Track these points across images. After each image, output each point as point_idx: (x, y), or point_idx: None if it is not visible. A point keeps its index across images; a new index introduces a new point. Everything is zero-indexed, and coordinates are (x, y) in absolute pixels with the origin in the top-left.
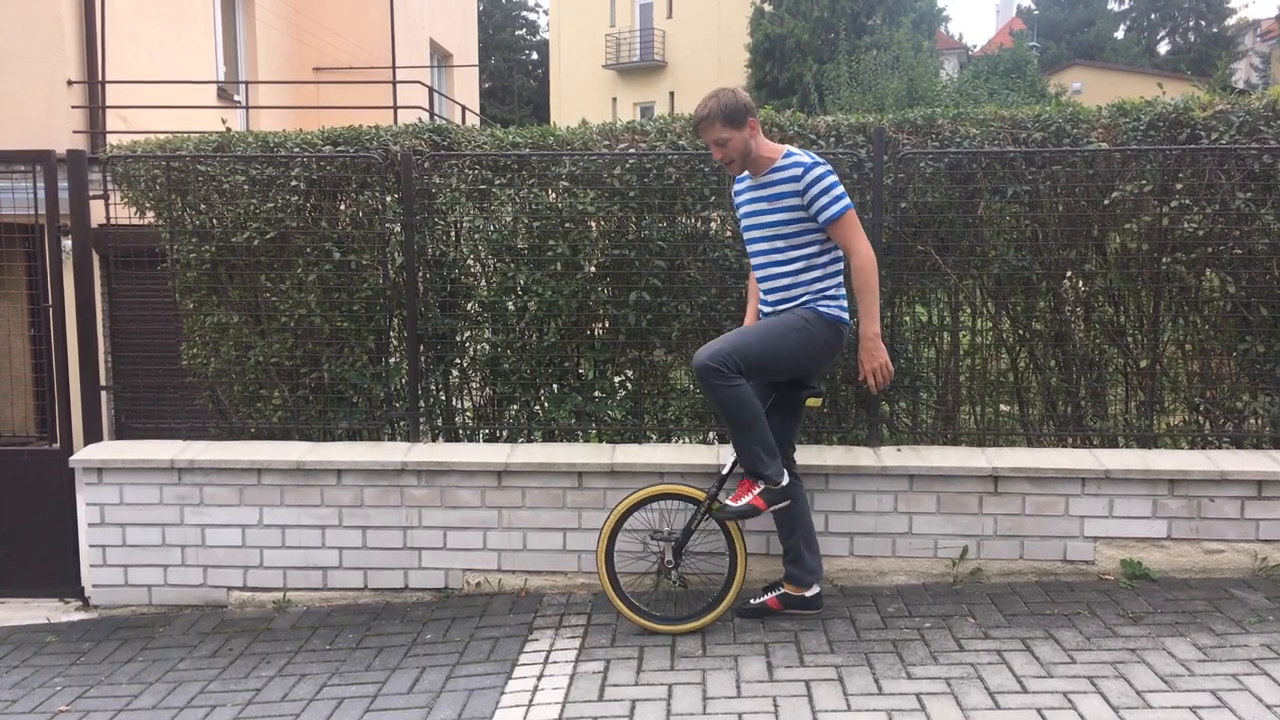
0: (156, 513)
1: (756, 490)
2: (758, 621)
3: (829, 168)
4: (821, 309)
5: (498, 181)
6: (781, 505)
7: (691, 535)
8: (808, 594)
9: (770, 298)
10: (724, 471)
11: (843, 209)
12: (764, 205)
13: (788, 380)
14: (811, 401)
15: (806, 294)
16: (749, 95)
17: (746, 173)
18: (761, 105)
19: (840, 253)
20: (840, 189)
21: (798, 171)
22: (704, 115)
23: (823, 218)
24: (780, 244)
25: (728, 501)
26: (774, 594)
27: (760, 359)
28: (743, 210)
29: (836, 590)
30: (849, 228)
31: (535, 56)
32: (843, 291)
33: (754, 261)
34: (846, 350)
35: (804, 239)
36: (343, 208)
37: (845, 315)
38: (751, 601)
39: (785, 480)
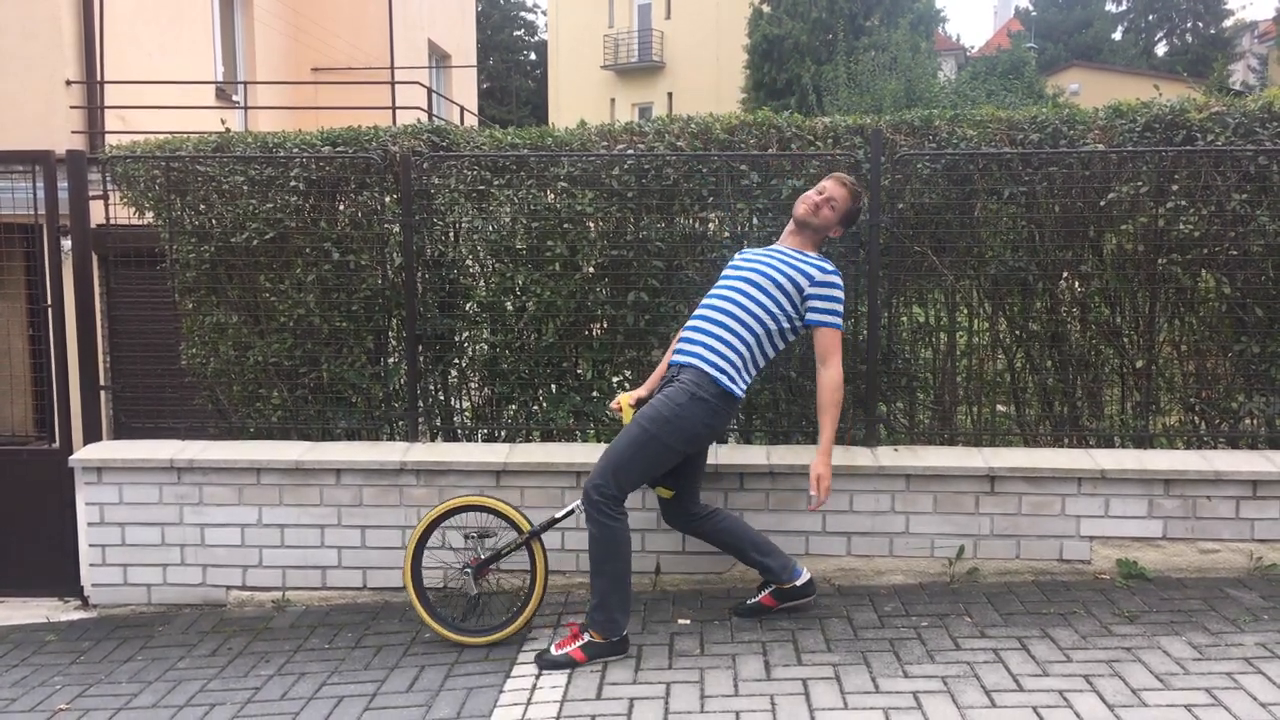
0: (156, 512)
1: (582, 641)
2: (755, 621)
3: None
4: (711, 375)
5: (496, 182)
6: (612, 658)
7: (499, 559)
8: (798, 583)
9: (681, 349)
10: (557, 515)
11: (839, 323)
12: (774, 273)
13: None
14: (661, 492)
15: (721, 359)
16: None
17: (772, 243)
18: (759, 106)
19: (764, 361)
20: (842, 307)
21: (814, 273)
22: (843, 192)
23: (813, 319)
24: (753, 309)
25: (551, 648)
26: (766, 591)
27: (639, 468)
28: (743, 263)
29: (834, 589)
30: (836, 339)
31: (533, 57)
32: (748, 370)
33: (710, 305)
34: (844, 351)
35: (775, 325)
36: (342, 208)
37: (738, 387)
38: (747, 601)
39: (619, 637)
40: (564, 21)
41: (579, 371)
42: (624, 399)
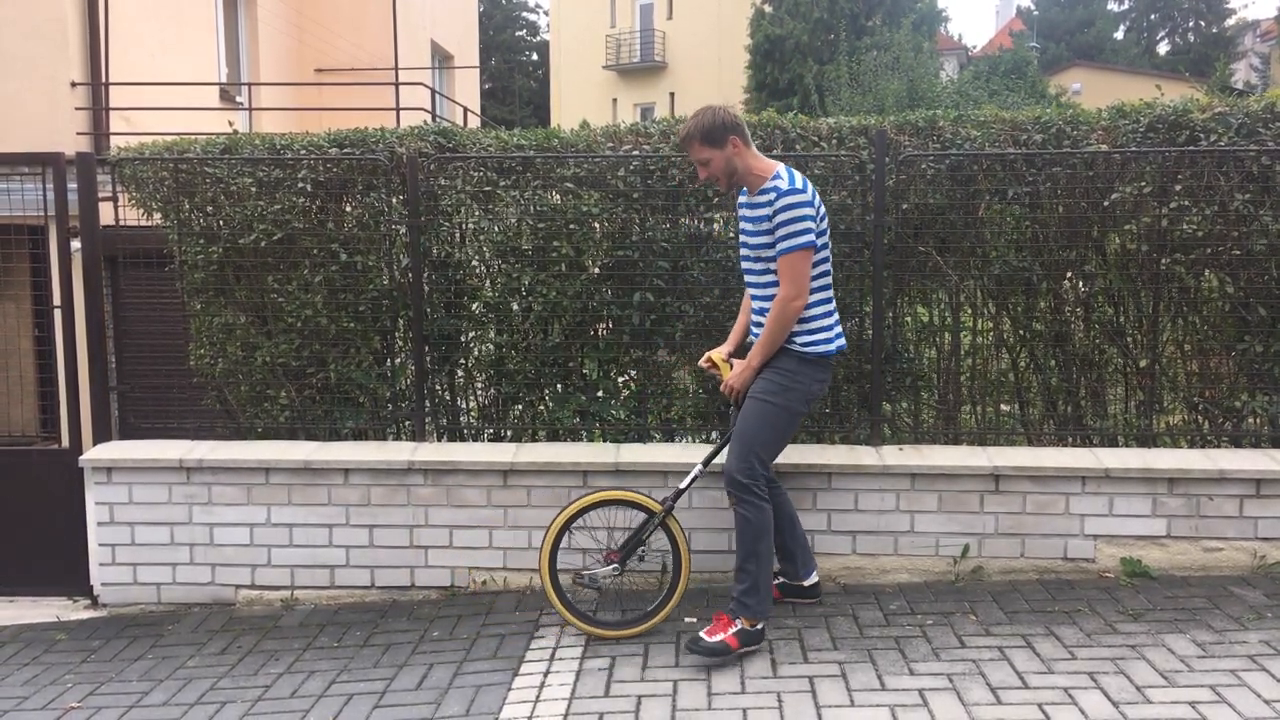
0: (165, 512)
1: (735, 628)
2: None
3: (803, 196)
4: (798, 347)
5: (502, 183)
6: (753, 648)
7: (640, 547)
8: (805, 583)
9: (755, 329)
10: (682, 485)
11: (795, 245)
12: (749, 225)
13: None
14: None
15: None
16: (735, 112)
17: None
18: (763, 107)
19: (826, 279)
20: (805, 224)
21: (771, 196)
22: (683, 136)
23: (778, 248)
24: (759, 266)
25: (701, 635)
26: (774, 584)
27: (773, 439)
28: (740, 227)
29: (839, 588)
30: (792, 265)
31: (535, 57)
32: (829, 318)
33: (745, 280)
34: (840, 354)
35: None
36: (349, 209)
37: (830, 343)
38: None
39: (763, 624)
40: (566, 22)
41: (584, 371)
42: (716, 355)
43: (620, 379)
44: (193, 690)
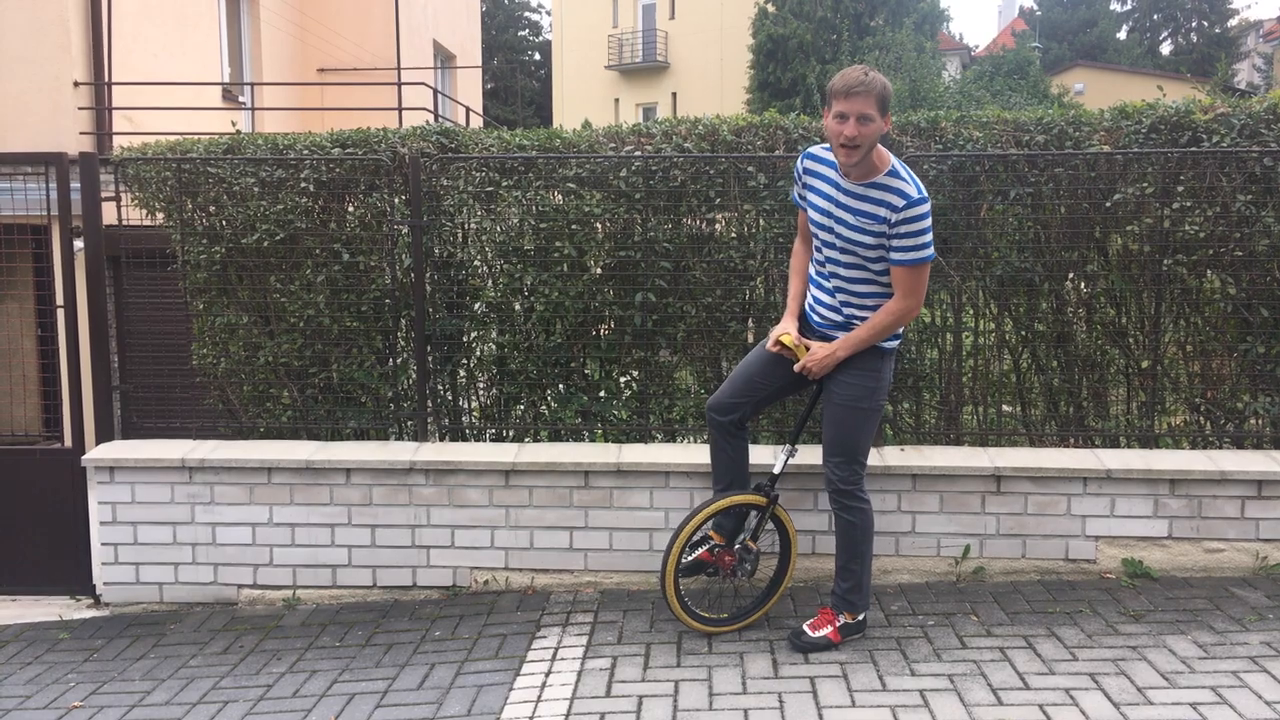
0: (167, 511)
1: (838, 623)
2: (762, 619)
3: (928, 206)
4: (885, 344)
5: (504, 183)
6: (854, 637)
7: (757, 535)
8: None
9: (824, 311)
10: (776, 471)
11: (920, 258)
12: (850, 217)
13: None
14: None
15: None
16: None
17: (829, 156)
18: (765, 107)
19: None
20: (929, 235)
21: (898, 202)
22: (864, 83)
23: (896, 258)
24: (855, 262)
25: (805, 629)
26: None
27: (868, 441)
28: (821, 204)
29: None
30: (916, 276)
31: (538, 57)
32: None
33: (820, 261)
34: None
35: (882, 266)
36: (351, 209)
37: (895, 339)
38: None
39: (864, 617)
40: (568, 22)
41: (586, 372)
42: (787, 338)
43: (622, 379)
44: (195, 690)
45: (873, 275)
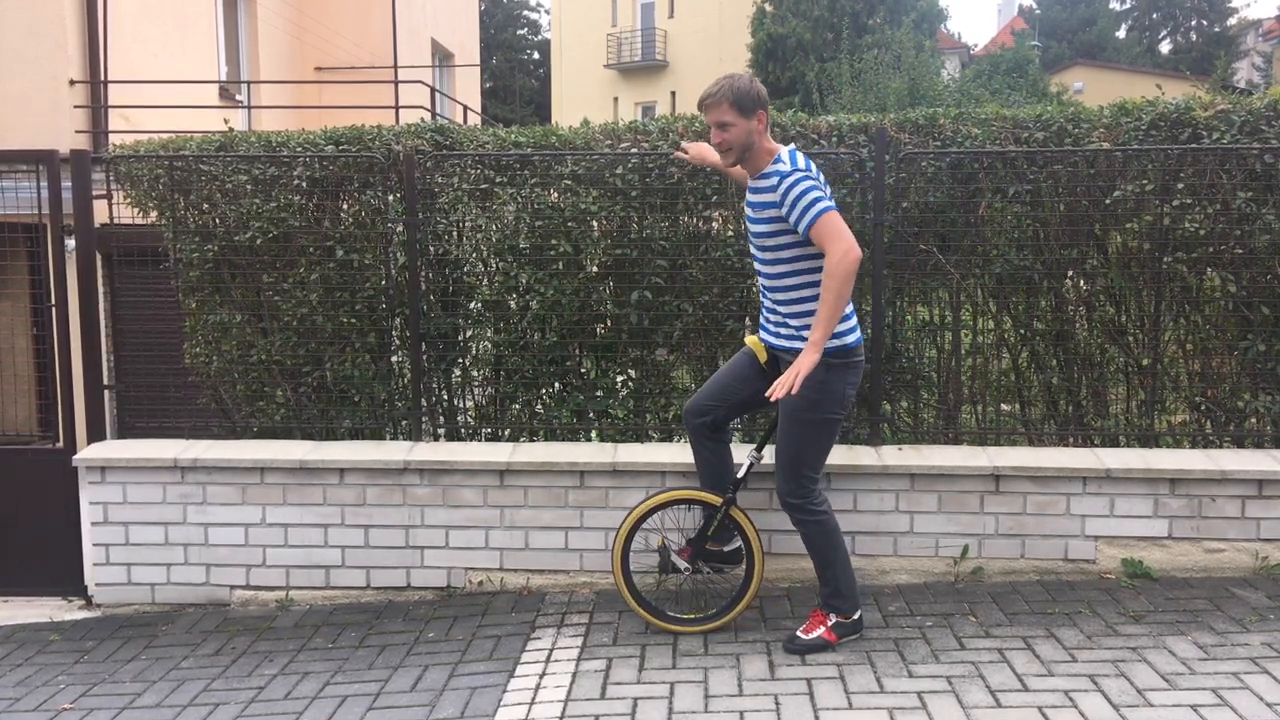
0: (159, 511)
1: (831, 622)
2: (759, 621)
3: (805, 173)
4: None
5: (500, 181)
6: (852, 637)
7: (706, 537)
8: (726, 549)
9: (770, 320)
10: (739, 474)
11: (819, 212)
12: (751, 212)
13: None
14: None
15: (803, 326)
16: (764, 89)
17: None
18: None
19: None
20: (816, 192)
21: (774, 180)
22: (714, 93)
23: (801, 228)
24: (767, 256)
25: (798, 633)
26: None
27: (815, 454)
28: (746, 214)
29: None
30: (825, 229)
31: (537, 56)
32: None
33: (757, 271)
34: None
35: (790, 253)
36: (345, 207)
37: (850, 336)
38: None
39: (858, 615)
40: (567, 20)
41: (582, 370)
42: (750, 339)
43: (618, 378)
44: (186, 691)
45: (788, 261)
